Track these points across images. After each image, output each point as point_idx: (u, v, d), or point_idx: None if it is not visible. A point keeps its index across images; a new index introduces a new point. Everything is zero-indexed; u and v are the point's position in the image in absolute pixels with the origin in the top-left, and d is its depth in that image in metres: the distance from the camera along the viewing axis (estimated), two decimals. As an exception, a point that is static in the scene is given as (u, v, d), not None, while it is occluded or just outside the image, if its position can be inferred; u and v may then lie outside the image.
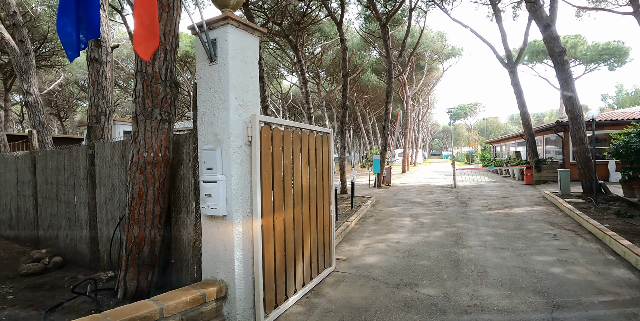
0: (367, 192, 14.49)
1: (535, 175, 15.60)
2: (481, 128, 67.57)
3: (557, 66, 10.88)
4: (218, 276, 3.08)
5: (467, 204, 10.38)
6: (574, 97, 10.66)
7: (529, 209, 9.15)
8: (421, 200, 11.48)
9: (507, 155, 26.30)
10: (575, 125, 10.67)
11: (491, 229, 6.90)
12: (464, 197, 12.07)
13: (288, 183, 3.58)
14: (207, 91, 3.08)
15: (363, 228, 7.41)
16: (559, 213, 8.46)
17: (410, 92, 29.51)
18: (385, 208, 9.99)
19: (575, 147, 10.73)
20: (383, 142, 16.29)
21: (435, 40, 28.09)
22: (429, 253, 5.38)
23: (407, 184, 17.97)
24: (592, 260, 4.84)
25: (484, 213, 8.71)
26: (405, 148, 29.29)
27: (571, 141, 10.89)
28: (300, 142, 3.86)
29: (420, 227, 7.33)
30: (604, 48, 30.14)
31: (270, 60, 34.89)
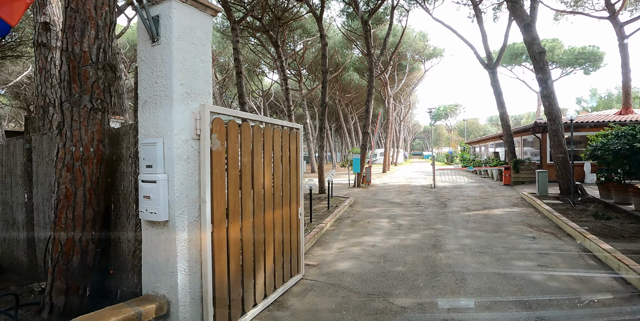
0: (346, 191, 14.18)
1: (513, 175, 15.64)
2: (461, 129, 68.54)
3: (536, 66, 10.82)
4: (159, 291, 2.65)
5: (446, 205, 10.18)
6: (553, 97, 10.62)
7: (508, 210, 9.01)
8: (400, 201, 11.23)
9: (486, 156, 26.55)
10: (554, 126, 10.63)
11: (470, 231, 6.66)
12: (444, 197, 11.90)
13: (247, 184, 3.18)
14: (149, 76, 2.65)
15: (338, 230, 7.05)
16: (538, 214, 8.33)
17: (392, 92, 29.42)
18: (363, 209, 9.68)
19: (553, 148, 10.70)
20: (363, 141, 16.01)
21: (417, 40, 28.08)
22: (405, 257, 5.07)
23: (387, 184, 17.78)
24: (573, 265, 4.63)
25: (463, 215, 8.50)
26: (386, 147, 29.20)
27: (549, 142, 10.86)
28: (263, 138, 3.46)
29: (397, 229, 7.03)
30: (580, 52, 30.85)
31: (252, 56, 34.24)
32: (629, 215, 7.61)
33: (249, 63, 36.08)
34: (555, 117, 10.59)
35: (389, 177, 22.83)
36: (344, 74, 37.24)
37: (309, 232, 6.37)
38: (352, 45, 28.50)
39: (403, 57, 30.93)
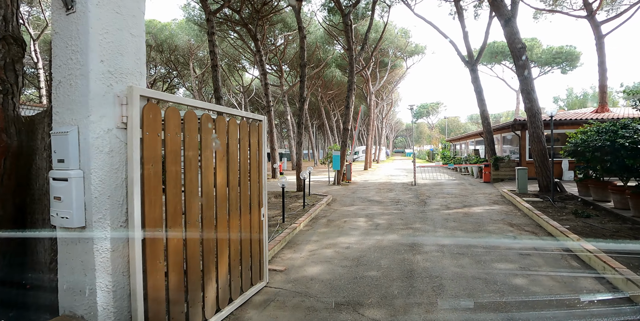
0: (325, 189, 13.81)
1: (493, 173, 15.59)
2: (442, 127, 69.24)
3: (517, 62, 10.66)
4: (77, 311, 2.19)
5: (426, 203, 9.93)
6: (533, 93, 10.49)
7: (488, 208, 8.81)
8: (379, 199, 10.93)
9: (466, 153, 26.66)
10: (534, 123, 10.51)
11: (449, 231, 6.37)
12: (424, 195, 11.67)
13: (193, 182, 2.73)
14: (63, 51, 2.17)
15: (312, 230, 6.66)
16: (518, 212, 8.15)
17: (373, 88, 29.19)
18: (340, 208, 9.32)
19: (533, 144, 10.58)
20: (343, 137, 15.66)
21: (399, 36, 27.90)
22: (380, 261, 4.71)
23: (367, 181, 17.51)
24: (556, 267, 4.37)
25: (442, 213, 8.24)
26: (368, 145, 28.98)
27: (529, 139, 10.74)
28: (215, 129, 3.02)
29: (374, 228, 6.69)
30: (557, 51, 31.34)
31: (232, 51, 33.38)
32: (608, 213, 7.49)
33: (229, 58, 35.21)
34: (535, 113, 10.47)
35: (370, 175, 22.60)
36: (326, 71, 36.81)
37: (279, 233, 5.95)
38: (333, 41, 28.11)
39: (385, 53, 30.73)
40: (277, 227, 6.43)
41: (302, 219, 7.20)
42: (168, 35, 29.77)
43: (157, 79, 39.54)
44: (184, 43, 30.68)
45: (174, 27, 30.03)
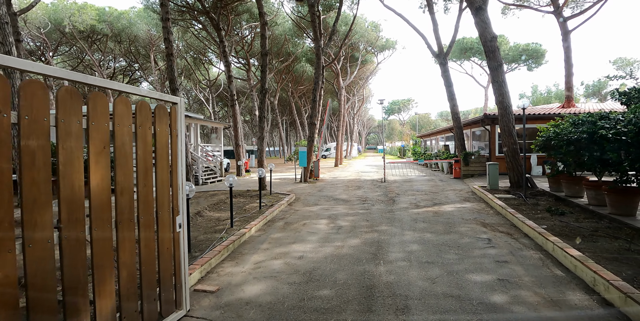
0: (290, 187, 12.99)
1: (463, 168, 15.28)
2: (413, 123, 69.84)
3: (488, 53, 10.20)
4: None
5: (394, 201, 9.31)
6: (504, 85, 10.06)
7: (459, 206, 8.27)
8: (346, 197, 10.23)
9: (436, 149, 26.56)
10: (505, 117, 10.09)
11: (418, 234, 5.72)
12: (393, 192, 11.07)
13: (43, 183, 1.84)
14: None
15: (265, 236, 5.83)
16: (490, 211, 7.64)
17: (344, 83, 28.57)
18: (302, 208, 8.53)
19: (504, 139, 10.18)
20: (310, 132, 14.87)
21: (370, 30, 27.35)
22: (336, 274, 3.96)
23: (336, 178, 16.82)
24: (539, 277, 3.75)
25: (411, 212, 7.61)
26: (339, 141, 28.37)
27: (499, 133, 10.34)
28: (89, 109, 2.13)
29: (336, 232, 5.94)
30: (524, 49, 31.83)
31: (197, 43, 31.78)
32: (583, 209, 7.10)
33: (194, 50, 33.57)
34: (506, 106, 10.05)
35: (340, 171, 21.96)
36: (297, 65, 35.85)
37: (223, 240, 5.08)
38: (303, 34, 27.19)
39: (355, 48, 30.15)
40: (222, 234, 5.55)
41: (255, 222, 6.34)
42: (126, 24, 27.85)
43: (117, 71, 37.28)
44: (143, 33, 28.85)
45: (132, 16, 28.14)
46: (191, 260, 4.21)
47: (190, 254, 4.47)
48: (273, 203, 8.58)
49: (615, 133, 4.92)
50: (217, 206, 9.05)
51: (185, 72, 38.88)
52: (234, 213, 7.58)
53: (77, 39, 25.95)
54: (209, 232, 5.79)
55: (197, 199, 10.08)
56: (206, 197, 10.43)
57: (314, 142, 15.14)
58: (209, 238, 5.35)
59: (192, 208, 8.39)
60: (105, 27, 26.33)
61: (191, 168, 13.85)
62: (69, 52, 32.07)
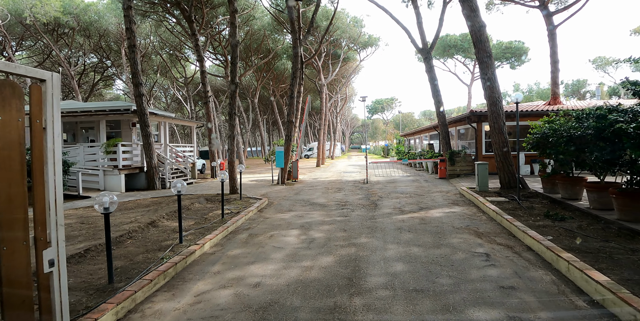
0: (265, 190, 11.99)
1: (449, 168, 14.57)
2: (397, 122, 69.62)
3: (477, 44, 9.44)
4: None
5: (377, 205, 8.43)
6: (494, 79, 9.32)
7: (448, 211, 7.45)
8: (324, 201, 9.31)
9: (420, 148, 25.94)
10: (495, 113, 9.35)
11: (404, 247, 4.83)
12: (375, 195, 10.21)
13: None
14: None
15: (220, 253, 4.84)
16: (483, 216, 6.83)
17: (325, 80, 27.66)
18: (273, 215, 7.56)
19: (494, 136, 9.45)
20: (287, 131, 13.90)
21: (352, 25, 26.51)
22: (298, 313, 3.01)
23: (317, 180, 15.90)
24: (558, 312, 2.90)
25: (395, 219, 6.74)
26: (320, 140, 27.47)
27: (489, 130, 9.59)
28: None
29: (307, 247, 5.00)
30: (507, 46, 31.57)
31: (172, 39, 30.33)
32: (584, 214, 6.36)
33: (169, 46, 32.07)
34: (496, 101, 9.32)
35: (322, 172, 21.05)
36: (277, 62, 34.74)
37: (163, 262, 4.07)
38: (283, 29, 26.13)
39: (337, 45, 29.28)
40: (166, 252, 4.53)
41: (212, 236, 5.34)
42: (94, 17, 26.22)
43: (87, 68, 35.37)
44: (114, 27, 27.24)
45: (100, 8, 26.52)
46: (109, 295, 3.19)
47: (112, 285, 3.46)
48: (240, 210, 7.57)
49: (637, 127, 4.14)
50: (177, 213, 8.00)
51: (162, 69, 37.30)
52: (192, 224, 6.56)
53: (40, 32, 24.21)
54: (152, 250, 4.76)
55: (158, 205, 8.99)
56: (169, 203, 9.33)
57: (292, 141, 14.17)
58: (148, 259, 4.33)
59: (147, 216, 7.32)
60: (72, 19, 24.68)
61: (157, 171, 12.70)
62: (35, 47, 30.17)
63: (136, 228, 6.29)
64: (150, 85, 40.40)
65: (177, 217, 7.38)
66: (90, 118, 13.50)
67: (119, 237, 5.69)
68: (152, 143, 12.73)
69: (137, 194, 11.48)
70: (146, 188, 12.82)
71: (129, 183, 12.93)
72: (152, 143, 12.69)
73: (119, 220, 7.02)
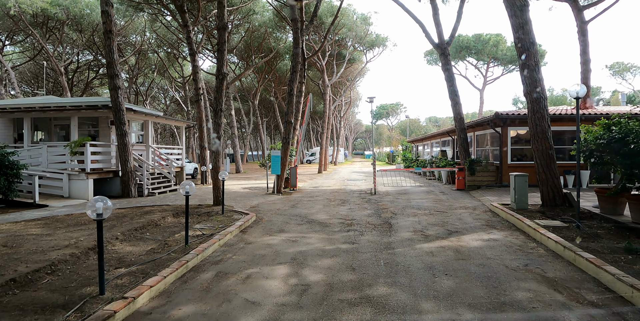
0: (257, 201, 10.25)
1: (468, 178, 12.79)
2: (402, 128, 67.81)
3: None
4: None
5: (391, 226, 6.67)
6: (537, 70, 7.59)
7: (487, 238, 5.67)
8: (325, 218, 7.55)
9: (429, 155, 24.15)
10: (538, 113, 7.60)
11: (447, 311, 3.06)
12: (387, 210, 8.44)
13: None
14: None
15: (159, 314, 3.08)
16: (539, 249, 5.04)
17: (329, 81, 26.02)
18: (259, 238, 5.81)
19: (536, 142, 7.68)
20: (285, 133, 12.18)
21: (359, 22, 24.88)
22: None
23: (318, 188, 14.14)
24: None
25: (420, 250, 4.98)
26: (323, 145, 25.74)
27: (531, 135, 7.82)
28: None
29: (295, 304, 3.24)
30: (522, 48, 29.86)
31: (170, 36, 28.86)
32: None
33: (166, 44, 30.57)
34: (539, 99, 7.57)
35: (324, 179, 19.29)
36: (280, 63, 33.17)
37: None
38: (285, 26, 24.58)
39: (343, 45, 27.68)
40: (69, 314, 2.78)
41: (157, 279, 3.59)
42: (86, 10, 24.77)
43: (82, 65, 33.90)
44: (106, 21, 25.73)
45: (92, 0, 25.06)
46: None
47: None
48: (214, 232, 5.81)
49: None
50: (142, 230, 6.29)
51: (159, 68, 35.81)
52: (147, 250, 4.83)
53: (27, 24, 22.72)
54: (58, 305, 3.01)
55: (120, 220, 7.26)
56: (134, 216, 7.61)
57: (291, 144, 12.45)
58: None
59: (94, 237, 5.60)
60: (61, 12, 23.22)
61: (133, 176, 10.98)
62: (25, 41, 28.75)
63: (68, 257, 4.57)
64: (147, 84, 38.88)
65: (140, 236, 5.69)
66: (63, 115, 11.85)
67: (34, 272, 3.98)
68: (129, 143, 11.04)
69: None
70: (120, 196, 11.10)
71: (101, 189, 11.23)
72: (128, 143, 11.00)
73: (54, 242, 5.30)
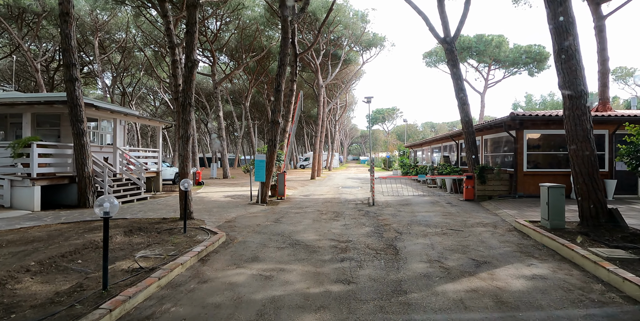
0: (236, 213, 8.69)
1: (477, 187, 11.33)
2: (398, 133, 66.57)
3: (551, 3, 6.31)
4: None
5: (398, 252, 5.15)
6: (577, 57, 6.16)
7: (531, 275, 4.16)
8: (314, 238, 6.02)
9: (428, 161, 22.73)
10: (577, 110, 6.16)
11: None
12: (389, 227, 6.92)
13: None
14: None
15: None
16: (615, 296, 3.53)
17: (324, 82, 24.58)
18: (219, 274, 4.25)
19: (575, 145, 6.22)
20: (271, 134, 10.64)
21: (355, 19, 23.52)
22: None
23: (309, 197, 12.60)
24: None
25: (445, 297, 3.46)
26: (316, 149, 24.22)
27: (568, 137, 6.36)
28: None
29: None
30: (525, 50, 28.68)
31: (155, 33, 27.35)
32: None
33: (152, 42, 28.98)
34: (581, 92, 6.13)
35: (317, 186, 17.75)
36: (272, 64, 31.72)
37: None
38: (277, 23, 23.16)
39: (339, 45, 26.33)
40: None
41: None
42: (65, 3, 23.17)
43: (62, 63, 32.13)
44: (85, 14, 24.19)
45: (71, -8, 23.47)
46: None
47: None
48: (156, 266, 4.23)
49: None
50: (73, 256, 4.75)
51: (147, 68, 34.18)
52: (48, 300, 3.26)
53: (0, 19, 21.06)
54: None
55: (52, 240, 5.70)
56: (72, 235, 6.02)
57: (278, 147, 10.91)
58: None
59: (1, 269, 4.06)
60: (35, 4, 21.61)
61: (91, 182, 9.38)
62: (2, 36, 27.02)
63: None
64: (134, 84, 37.17)
65: (58, 268, 4.11)
66: (14, 110, 10.27)
67: None
68: (87, 144, 9.44)
69: (50, 215, 8.13)
70: (76, 206, 9.47)
71: (54, 197, 9.61)
72: (86, 144, 9.40)
73: None
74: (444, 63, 32.02)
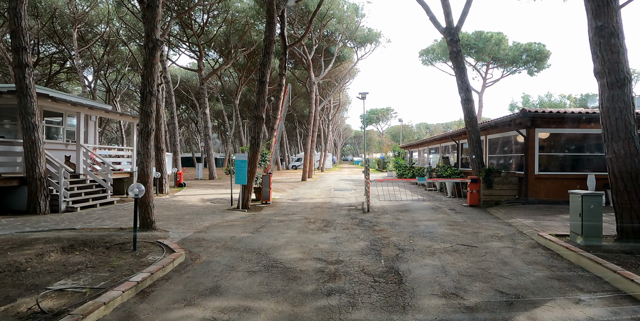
0: (211, 221, 7.49)
1: (483, 192, 10.25)
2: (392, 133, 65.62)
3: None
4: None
5: (401, 280, 4.00)
6: (617, 32, 5.07)
7: (585, 319, 3.03)
8: (297, 257, 4.84)
9: (425, 162, 21.67)
10: (620, 101, 5.06)
11: None
12: (389, 243, 5.77)
13: None
14: None
15: None
16: None
17: (316, 79, 23.43)
18: (156, 319, 3.04)
19: (613, 144, 5.13)
20: (254, 131, 9.45)
21: (349, 13, 22.37)
22: None
23: (297, 201, 11.42)
24: None
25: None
26: (308, 149, 23.06)
27: (605, 135, 5.26)
28: None
29: None
30: (525, 49, 27.79)
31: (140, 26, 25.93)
32: None
33: (138, 36, 27.54)
34: (623, 81, 5.04)
35: (307, 188, 16.58)
36: (264, 60, 30.48)
37: None
38: (268, 16, 21.99)
39: (332, 40, 25.17)
40: None
41: None
42: (41, -9, 21.75)
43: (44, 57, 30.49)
44: (64, 4, 22.76)
45: (47, -20, 22.09)
46: None
47: None
48: (66, 308, 3.02)
49: None
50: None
51: (133, 64, 32.71)
52: None
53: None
54: None
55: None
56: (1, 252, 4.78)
57: (261, 145, 9.72)
58: None
59: None
60: (7, -9, 20.12)
61: (43, 184, 8.10)
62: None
63: None
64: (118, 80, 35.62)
65: None
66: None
67: None
68: (38, 140, 8.16)
69: (-12, 224, 6.84)
70: (25, 211, 8.19)
71: (1, 202, 8.32)
72: (37, 140, 8.12)
73: None
74: (441, 61, 31.04)
